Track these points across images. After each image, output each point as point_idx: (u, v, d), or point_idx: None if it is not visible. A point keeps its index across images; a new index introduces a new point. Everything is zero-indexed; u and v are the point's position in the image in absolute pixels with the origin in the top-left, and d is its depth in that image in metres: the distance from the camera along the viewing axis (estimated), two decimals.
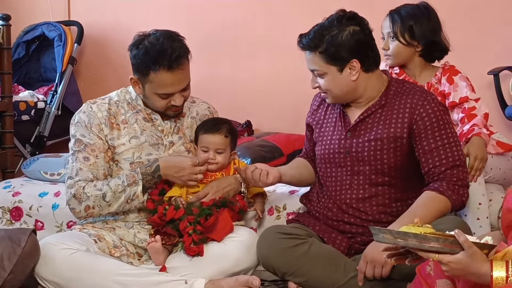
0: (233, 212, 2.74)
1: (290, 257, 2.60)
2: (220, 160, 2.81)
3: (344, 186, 2.72)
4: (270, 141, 4.08)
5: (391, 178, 2.67)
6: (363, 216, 2.67)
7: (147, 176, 2.73)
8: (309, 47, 2.63)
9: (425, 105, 2.62)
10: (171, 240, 2.67)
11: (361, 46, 2.61)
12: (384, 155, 2.65)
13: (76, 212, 2.73)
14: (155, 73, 2.66)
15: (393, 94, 2.69)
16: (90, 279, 2.54)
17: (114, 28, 4.98)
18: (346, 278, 2.58)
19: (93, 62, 5.04)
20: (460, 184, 2.59)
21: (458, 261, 1.76)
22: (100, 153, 2.75)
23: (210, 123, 2.87)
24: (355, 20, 2.62)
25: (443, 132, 2.61)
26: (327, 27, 2.62)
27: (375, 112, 2.68)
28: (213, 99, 3.19)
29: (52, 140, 4.59)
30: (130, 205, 2.74)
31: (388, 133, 2.64)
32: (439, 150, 2.60)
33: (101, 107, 2.81)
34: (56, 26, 4.70)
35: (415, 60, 3.22)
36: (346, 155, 2.71)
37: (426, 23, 3.15)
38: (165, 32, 2.74)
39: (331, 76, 2.63)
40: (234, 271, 2.63)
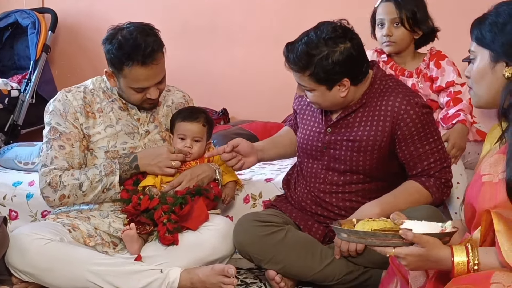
0: (208, 200, 2.74)
1: (266, 245, 2.61)
2: (196, 149, 2.80)
3: (318, 180, 2.72)
4: (246, 129, 4.08)
5: (365, 177, 2.66)
6: (336, 210, 2.68)
7: (124, 166, 2.72)
8: (297, 67, 2.51)
9: (408, 110, 2.54)
10: (146, 229, 2.67)
11: (352, 64, 2.50)
12: (361, 157, 2.62)
13: (50, 200, 2.71)
14: (129, 68, 2.64)
15: (375, 92, 2.62)
16: (65, 269, 2.52)
17: (88, 15, 4.94)
18: (322, 265, 2.60)
19: (68, 50, 5.01)
20: (446, 184, 2.62)
21: (415, 252, 1.77)
22: (75, 142, 2.73)
23: (188, 111, 2.86)
24: (345, 37, 2.49)
25: (429, 136, 2.59)
26: (316, 46, 2.46)
27: (356, 111, 2.62)
28: (189, 87, 3.18)
29: (26, 129, 4.55)
30: (106, 195, 2.72)
31: (368, 136, 2.59)
32: (427, 154, 2.59)
33: (76, 96, 2.79)
34: (30, 14, 4.65)
35: (410, 47, 3.23)
36: (323, 150, 2.69)
37: (425, 10, 3.16)
38: (139, 25, 2.70)
39: (320, 93, 2.55)
40: (210, 260, 2.63)
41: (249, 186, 3.09)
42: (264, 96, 4.62)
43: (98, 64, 4.57)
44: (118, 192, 2.72)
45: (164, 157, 2.72)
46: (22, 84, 4.51)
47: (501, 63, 1.84)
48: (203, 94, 4.30)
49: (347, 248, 2.52)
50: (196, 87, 4.00)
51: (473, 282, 1.65)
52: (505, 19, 1.84)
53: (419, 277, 1.91)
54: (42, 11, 4.78)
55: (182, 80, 3.25)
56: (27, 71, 4.56)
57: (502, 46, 1.83)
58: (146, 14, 3.88)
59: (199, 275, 2.54)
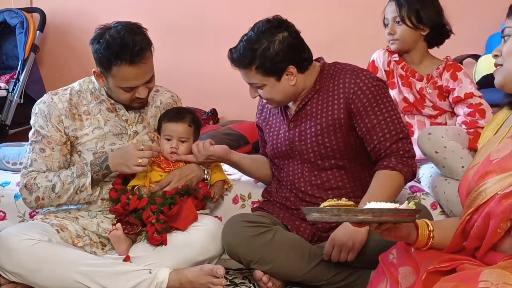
0: (197, 201, 2.74)
1: (255, 245, 2.61)
2: (182, 150, 2.81)
3: (297, 175, 2.76)
4: (235, 129, 4.08)
5: (337, 160, 2.69)
6: (320, 202, 2.64)
7: (95, 167, 2.70)
8: (243, 64, 2.61)
9: (358, 83, 2.63)
10: (134, 229, 2.66)
11: (294, 51, 2.60)
12: (326, 139, 2.67)
13: (27, 202, 2.72)
14: (117, 68, 2.63)
15: (325, 77, 2.71)
16: (53, 270, 2.51)
17: (77, 15, 4.93)
18: (310, 265, 2.60)
19: (56, 49, 5.00)
20: (408, 155, 2.63)
21: None
22: (56, 145, 2.73)
23: (174, 111, 2.86)
24: (281, 27, 2.61)
25: (382, 107, 2.63)
26: (255, 40, 2.59)
27: (311, 99, 2.71)
28: (178, 87, 3.18)
29: (15, 129, 4.54)
30: (79, 197, 2.71)
31: (327, 117, 2.66)
32: (381, 125, 2.62)
33: (62, 98, 2.78)
34: (18, 13, 4.64)
35: (419, 45, 3.24)
36: (291, 145, 2.74)
37: (431, 6, 3.18)
38: (126, 24, 2.69)
39: (270, 86, 2.64)
40: (199, 260, 2.63)
41: (238, 187, 3.10)
42: None
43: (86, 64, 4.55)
44: (90, 194, 2.70)
45: (131, 154, 2.68)
46: (10, 84, 4.51)
47: None
48: (192, 95, 4.29)
49: (338, 258, 2.52)
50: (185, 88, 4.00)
51: (461, 280, 1.66)
52: None
53: (409, 276, 1.92)
54: (30, 11, 4.77)
55: (170, 80, 3.24)
56: (15, 71, 4.55)
57: None
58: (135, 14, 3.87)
59: (188, 276, 2.54)
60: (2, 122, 4.44)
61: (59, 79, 4.60)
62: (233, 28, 4.67)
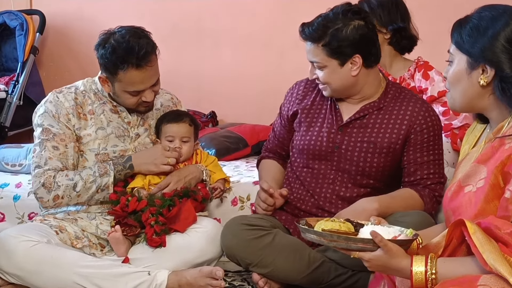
0: (196, 203, 2.74)
1: (254, 248, 2.60)
2: (185, 149, 2.81)
3: (327, 180, 2.70)
4: (235, 132, 4.09)
5: (375, 182, 2.67)
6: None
7: (118, 166, 2.71)
8: (311, 38, 2.56)
9: (426, 116, 2.61)
10: (133, 231, 2.66)
11: (365, 41, 2.56)
12: (375, 159, 2.63)
13: (44, 201, 2.70)
14: (124, 72, 2.64)
15: (391, 97, 2.66)
16: (52, 271, 2.51)
17: (77, 17, 4.94)
18: (310, 269, 2.59)
19: (56, 52, 5.00)
20: (438, 199, 2.64)
21: (378, 258, 1.82)
22: (69, 142, 2.73)
23: (173, 114, 2.87)
24: (360, 15, 2.57)
25: (436, 147, 2.64)
26: (331, 19, 2.54)
27: (371, 114, 2.65)
28: (177, 90, 3.18)
29: (14, 131, 4.54)
30: (100, 196, 2.72)
31: (383, 138, 2.62)
32: (429, 164, 2.62)
33: (68, 97, 2.78)
34: (18, 15, 4.64)
35: (384, 49, 3.23)
36: (334, 150, 2.68)
37: (394, 10, 3.19)
38: (130, 28, 2.70)
39: (331, 69, 2.58)
40: (198, 262, 2.64)
41: (237, 189, 3.10)
42: (252, 99, 4.63)
43: (86, 66, 4.58)
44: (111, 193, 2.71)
45: (160, 154, 2.72)
46: (9, 86, 4.51)
47: (477, 70, 1.85)
48: (191, 97, 4.30)
49: None
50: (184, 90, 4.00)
51: (460, 284, 1.66)
52: (487, 24, 1.84)
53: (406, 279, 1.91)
54: (30, 13, 4.76)
55: (170, 83, 3.24)
56: (15, 73, 4.55)
57: (481, 50, 1.83)
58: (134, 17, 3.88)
59: (187, 277, 2.54)
60: (1, 124, 4.44)
61: (58, 81, 4.59)
62: (231, 31, 4.72)
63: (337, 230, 1.90)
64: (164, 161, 2.72)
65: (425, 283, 1.77)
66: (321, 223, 1.94)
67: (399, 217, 2.45)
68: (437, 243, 1.89)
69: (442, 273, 1.76)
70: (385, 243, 1.79)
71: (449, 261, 1.79)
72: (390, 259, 1.80)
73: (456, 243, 1.83)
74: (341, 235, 1.86)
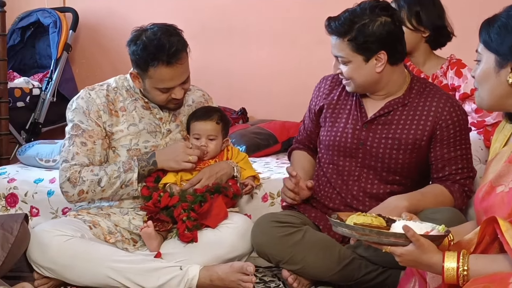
0: (227, 199, 2.75)
1: (284, 245, 2.60)
2: (212, 147, 2.82)
3: (352, 178, 2.70)
4: (265, 128, 4.09)
5: (401, 178, 2.66)
6: (366, 210, 2.59)
7: (142, 162, 2.73)
8: (337, 32, 2.55)
9: (451, 111, 2.58)
10: (165, 226, 2.69)
11: (391, 38, 2.54)
12: (400, 155, 2.62)
13: (69, 195, 2.73)
14: (154, 69, 2.66)
15: (415, 93, 2.64)
16: (85, 265, 2.55)
17: (108, 15, 4.97)
18: (340, 265, 2.59)
19: (88, 48, 5.04)
20: (468, 194, 2.63)
21: (409, 253, 1.82)
22: (98, 139, 2.76)
23: (202, 111, 2.88)
24: (387, 11, 2.55)
25: (463, 142, 2.62)
26: (358, 14, 2.53)
27: (395, 110, 2.63)
28: (208, 87, 3.19)
29: (47, 127, 4.58)
30: (124, 192, 2.74)
31: (408, 134, 2.60)
32: (457, 159, 2.60)
33: (99, 94, 2.81)
34: (51, 13, 4.69)
35: (421, 47, 3.22)
36: (359, 146, 2.67)
37: (432, 8, 3.15)
38: (162, 26, 2.72)
39: (356, 65, 2.57)
40: (229, 257, 2.65)
41: (267, 185, 3.10)
42: (282, 96, 4.63)
43: (117, 63, 4.61)
44: (135, 189, 2.74)
45: (181, 151, 2.74)
46: (43, 83, 4.56)
47: (506, 68, 1.84)
48: (221, 94, 4.31)
49: None
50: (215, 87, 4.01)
51: (492, 281, 1.66)
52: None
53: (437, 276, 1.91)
54: (63, 10, 4.81)
55: (200, 80, 3.25)
56: (48, 70, 4.60)
57: (510, 49, 1.82)
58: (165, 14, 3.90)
59: (218, 273, 2.56)
60: (35, 120, 4.49)
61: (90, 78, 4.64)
62: (261, 28, 4.73)
63: (369, 224, 1.90)
64: (186, 158, 2.73)
65: (456, 280, 1.77)
66: (352, 217, 1.94)
67: (429, 213, 2.43)
68: (469, 240, 1.88)
69: (474, 270, 1.75)
70: (417, 237, 1.79)
71: (481, 258, 1.79)
72: (421, 254, 1.80)
73: (488, 240, 1.82)
74: (373, 229, 1.86)
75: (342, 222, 1.93)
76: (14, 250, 2.51)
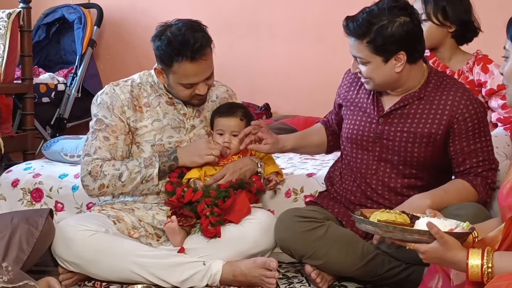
0: (251, 194, 2.76)
1: (307, 240, 2.61)
2: (235, 143, 2.82)
3: (370, 171, 2.70)
4: (288, 124, 4.09)
5: (418, 172, 2.64)
6: (387, 203, 2.63)
7: (163, 158, 2.75)
8: (356, 34, 2.52)
9: (467, 105, 2.55)
10: (189, 221, 2.70)
11: (410, 38, 2.51)
12: (415, 149, 2.60)
13: (90, 189, 2.75)
14: (178, 64, 2.67)
15: (432, 87, 2.62)
16: (109, 260, 2.57)
17: (132, 11, 5.00)
18: (363, 261, 2.59)
19: (113, 44, 5.07)
20: (492, 186, 2.60)
21: (433, 250, 1.81)
22: (120, 135, 2.77)
23: (226, 107, 2.88)
24: (406, 11, 2.52)
25: (483, 135, 2.59)
26: (376, 15, 2.50)
27: (411, 103, 2.62)
28: (232, 82, 3.20)
29: (72, 122, 4.62)
30: (144, 187, 2.76)
31: (423, 128, 2.59)
32: (477, 152, 2.58)
33: (124, 89, 2.83)
34: (76, 9, 4.72)
35: (447, 42, 3.19)
36: (375, 140, 2.66)
37: (458, 3, 3.12)
38: (187, 22, 2.73)
39: (375, 66, 2.55)
40: (252, 253, 2.65)
41: (290, 181, 3.10)
42: (305, 92, 4.63)
43: (141, 59, 4.63)
44: (155, 184, 2.75)
45: (203, 146, 2.75)
46: (68, 78, 4.59)
47: None
48: (245, 90, 4.32)
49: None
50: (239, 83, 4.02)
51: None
52: None
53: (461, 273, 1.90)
54: (88, 6, 4.85)
55: (224, 76, 3.26)
56: (73, 66, 4.64)
57: None
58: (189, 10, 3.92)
59: (241, 268, 2.57)
60: (60, 115, 4.53)
61: (115, 73, 4.66)
62: (284, 25, 4.72)
63: (393, 221, 1.89)
64: (208, 152, 2.74)
65: (481, 277, 1.76)
66: (376, 214, 1.94)
67: (453, 210, 2.42)
68: (494, 237, 1.87)
69: (498, 267, 1.74)
70: (441, 235, 1.78)
71: (506, 255, 1.77)
72: (446, 252, 1.79)
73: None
74: (397, 226, 1.85)
75: (366, 219, 1.92)
76: (39, 244, 2.53)
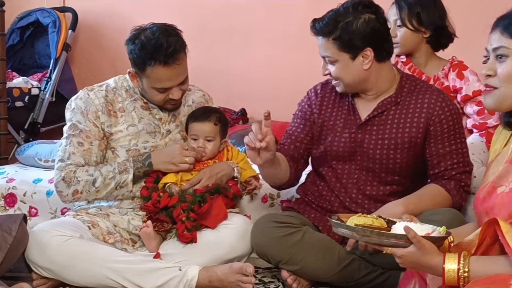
0: (227, 199, 2.75)
1: (283, 246, 2.60)
2: (210, 148, 2.81)
3: (351, 180, 2.70)
4: None
5: (400, 178, 2.66)
6: (366, 213, 2.62)
7: (137, 164, 2.73)
8: (322, 32, 2.58)
9: (443, 106, 2.59)
10: (164, 226, 2.68)
11: (376, 35, 2.55)
12: (398, 155, 2.62)
13: (63, 195, 2.73)
14: (151, 68, 2.66)
15: (407, 91, 2.65)
16: (84, 266, 2.55)
17: (108, 15, 4.96)
18: (340, 266, 2.59)
19: (88, 49, 5.03)
20: (466, 189, 2.62)
21: (410, 254, 1.81)
22: (94, 140, 2.75)
23: (200, 111, 2.87)
24: (370, 8, 2.57)
25: (458, 137, 2.61)
26: (342, 13, 2.55)
27: (389, 110, 2.64)
28: (208, 87, 3.19)
29: (46, 127, 4.57)
30: (119, 193, 2.75)
31: (403, 133, 2.61)
32: (452, 154, 2.60)
33: (98, 94, 2.81)
34: (51, 13, 4.68)
35: (422, 48, 3.22)
36: (356, 149, 2.67)
37: (433, 9, 3.15)
38: (161, 26, 2.73)
39: (343, 64, 2.58)
40: (228, 258, 2.65)
41: (267, 186, 3.06)
42: (282, 97, 4.61)
43: (117, 64, 4.60)
44: (130, 190, 2.74)
45: (178, 153, 2.73)
46: (42, 83, 4.55)
47: None
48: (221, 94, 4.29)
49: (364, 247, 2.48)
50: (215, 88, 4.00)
51: (492, 282, 1.66)
52: None
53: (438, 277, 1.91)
54: (62, 10, 4.80)
55: (200, 80, 3.25)
56: (47, 70, 4.58)
57: None
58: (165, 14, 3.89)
59: (217, 273, 2.55)
60: (34, 120, 4.48)
61: (90, 78, 4.63)
62: (261, 29, 4.72)
63: (370, 225, 1.89)
64: (182, 160, 2.73)
65: (457, 281, 1.76)
66: (353, 218, 1.94)
67: (429, 215, 2.43)
68: (470, 241, 1.88)
69: (474, 272, 1.75)
70: (418, 239, 1.79)
71: (482, 259, 1.78)
72: (422, 256, 1.80)
73: (489, 242, 1.82)
74: (374, 230, 1.86)
75: (342, 223, 1.92)
76: (13, 250, 2.50)
